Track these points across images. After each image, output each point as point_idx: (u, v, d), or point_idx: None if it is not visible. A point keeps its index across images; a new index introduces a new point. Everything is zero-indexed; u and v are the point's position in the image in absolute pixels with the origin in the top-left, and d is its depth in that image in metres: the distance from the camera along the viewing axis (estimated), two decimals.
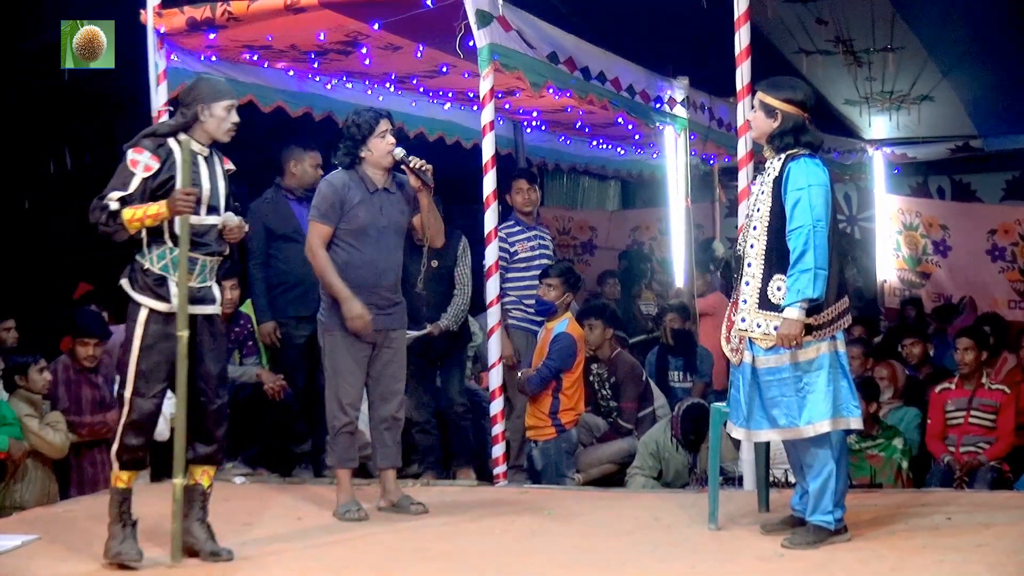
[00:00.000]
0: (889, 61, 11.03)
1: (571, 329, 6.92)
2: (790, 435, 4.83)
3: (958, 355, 7.27)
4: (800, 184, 4.74)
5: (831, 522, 4.81)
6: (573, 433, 6.97)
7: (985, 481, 6.81)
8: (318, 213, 5.55)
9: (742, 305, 4.88)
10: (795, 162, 4.80)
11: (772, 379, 4.80)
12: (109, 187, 4.66)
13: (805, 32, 10.59)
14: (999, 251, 12.25)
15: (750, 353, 4.85)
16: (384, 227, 5.56)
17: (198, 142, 4.79)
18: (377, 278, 5.56)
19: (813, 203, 4.71)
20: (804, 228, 4.69)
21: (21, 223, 9.75)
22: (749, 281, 4.86)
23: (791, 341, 4.70)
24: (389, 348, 5.64)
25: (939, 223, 12.76)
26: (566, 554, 4.91)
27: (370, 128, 5.52)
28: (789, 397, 4.77)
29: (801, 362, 4.76)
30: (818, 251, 4.67)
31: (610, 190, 15.64)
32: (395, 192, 5.66)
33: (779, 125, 4.87)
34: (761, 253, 4.83)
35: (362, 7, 6.61)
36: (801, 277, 4.67)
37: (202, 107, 4.77)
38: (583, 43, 7.45)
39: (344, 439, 5.60)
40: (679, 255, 9.90)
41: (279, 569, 4.79)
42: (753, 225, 4.89)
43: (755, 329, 4.81)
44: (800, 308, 4.68)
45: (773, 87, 4.96)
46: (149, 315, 4.70)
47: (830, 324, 4.79)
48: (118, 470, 4.71)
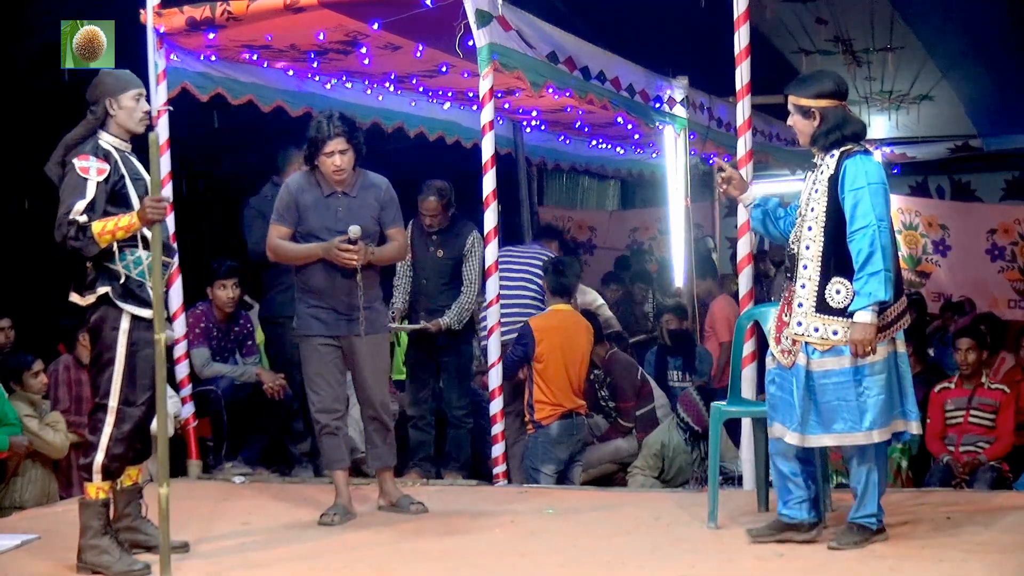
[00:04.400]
0: (888, 61, 11.05)
1: (537, 319, 7.03)
2: (848, 440, 4.68)
3: (959, 355, 7.26)
4: (859, 183, 4.61)
5: (874, 522, 4.74)
6: (553, 428, 6.93)
7: (985, 481, 6.81)
8: (276, 215, 5.59)
9: (797, 309, 4.73)
10: (851, 159, 4.66)
11: (828, 383, 4.65)
12: (68, 201, 4.55)
13: (805, 32, 10.61)
14: (998, 250, 12.25)
15: (804, 356, 4.70)
16: (341, 231, 5.40)
17: (117, 137, 4.74)
18: (331, 282, 5.47)
19: (875, 202, 4.57)
20: (869, 228, 4.55)
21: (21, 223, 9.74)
22: (805, 284, 4.71)
23: (866, 347, 4.56)
24: (357, 354, 5.55)
25: (939, 223, 12.76)
26: (566, 554, 4.90)
27: (316, 146, 5.45)
28: (849, 402, 4.62)
29: (861, 366, 4.62)
30: (885, 252, 4.54)
31: (610, 190, 15.65)
32: (356, 195, 5.54)
33: (820, 124, 4.75)
34: (818, 255, 4.68)
35: (362, 7, 6.61)
36: (871, 280, 4.54)
37: (110, 100, 4.72)
38: (583, 43, 7.45)
39: (327, 441, 5.59)
40: (679, 255, 9.91)
41: (279, 569, 4.79)
42: (808, 226, 4.73)
43: (812, 333, 4.66)
44: (872, 312, 4.55)
45: (801, 86, 4.84)
46: (132, 322, 4.66)
47: (891, 325, 4.67)
48: (100, 481, 4.66)
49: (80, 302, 4.70)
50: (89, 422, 4.76)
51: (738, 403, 5.59)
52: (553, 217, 13.50)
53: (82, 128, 4.73)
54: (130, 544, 4.81)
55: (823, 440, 4.75)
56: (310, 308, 5.55)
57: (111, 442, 4.65)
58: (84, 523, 4.68)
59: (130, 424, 4.67)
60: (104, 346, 4.67)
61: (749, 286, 6.13)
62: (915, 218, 12.99)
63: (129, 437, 4.69)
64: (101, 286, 4.64)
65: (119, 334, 4.64)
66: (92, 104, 4.74)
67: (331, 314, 5.50)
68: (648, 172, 13.41)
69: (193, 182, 9.53)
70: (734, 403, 5.55)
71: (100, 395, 4.68)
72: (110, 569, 4.63)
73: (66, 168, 4.63)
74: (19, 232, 9.48)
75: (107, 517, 4.71)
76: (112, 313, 4.65)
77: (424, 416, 7.05)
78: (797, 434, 4.75)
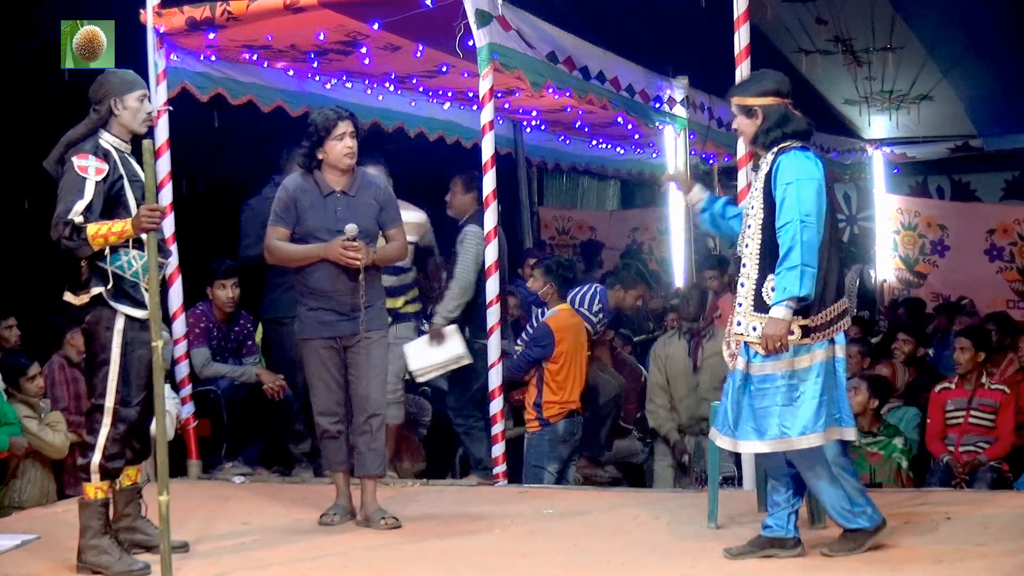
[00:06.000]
0: (889, 61, 11.04)
1: (553, 319, 6.94)
2: (781, 447, 4.54)
3: (956, 354, 7.28)
4: (788, 178, 4.52)
5: (866, 523, 4.62)
6: (560, 427, 6.93)
7: (985, 481, 6.81)
8: (274, 216, 5.48)
9: (738, 308, 4.67)
10: (785, 155, 4.58)
11: (766, 387, 4.54)
12: (65, 201, 4.54)
13: (805, 32, 10.60)
14: (997, 251, 12.26)
15: (743, 358, 4.61)
16: (342, 231, 5.32)
17: (117, 137, 4.74)
18: (332, 283, 5.37)
19: (802, 197, 4.48)
20: (791, 224, 4.46)
21: (21, 223, 9.74)
22: (744, 282, 4.65)
23: (775, 342, 4.45)
24: (355, 353, 5.46)
25: (938, 223, 12.77)
26: (566, 554, 4.91)
27: (327, 130, 5.37)
28: (781, 406, 4.51)
29: (797, 369, 4.51)
30: (805, 247, 4.43)
31: (610, 190, 15.65)
32: (355, 195, 5.47)
33: (762, 122, 4.69)
34: (756, 252, 4.61)
35: (362, 7, 6.62)
36: (787, 275, 4.44)
37: (115, 100, 4.71)
38: (582, 42, 7.46)
39: (327, 444, 5.54)
40: (679, 255, 9.92)
41: (279, 569, 4.79)
42: (748, 223, 4.70)
43: (750, 332, 4.57)
44: (787, 307, 4.44)
45: (742, 87, 4.86)
46: (126, 322, 4.66)
47: (828, 326, 4.54)
48: (98, 481, 4.66)
49: (74, 301, 4.70)
50: (86, 423, 4.76)
51: None
52: (553, 217, 13.52)
53: (84, 126, 4.71)
54: (130, 544, 4.81)
55: (757, 447, 4.63)
56: (311, 310, 5.47)
57: (108, 442, 4.65)
58: (84, 523, 4.68)
59: (126, 424, 4.67)
60: (99, 346, 4.67)
61: None
62: (914, 218, 13.01)
63: (126, 437, 4.70)
64: (95, 286, 4.63)
65: (113, 334, 4.64)
66: (96, 103, 4.73)
67: (332, 315, 5.42)
68: (648, 172, 13.41)
69: (193, 182, 9.54)
70: None
71: (96, 395, 4.68)
72: (110, 569, 4.63)
73: (65, 166, 4.62)
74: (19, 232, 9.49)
75: (106, 517, 4.71)
76: (106, 313, 4.64)
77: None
78: (728, 439, 4.67)
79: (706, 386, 6.77)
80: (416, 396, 8.26)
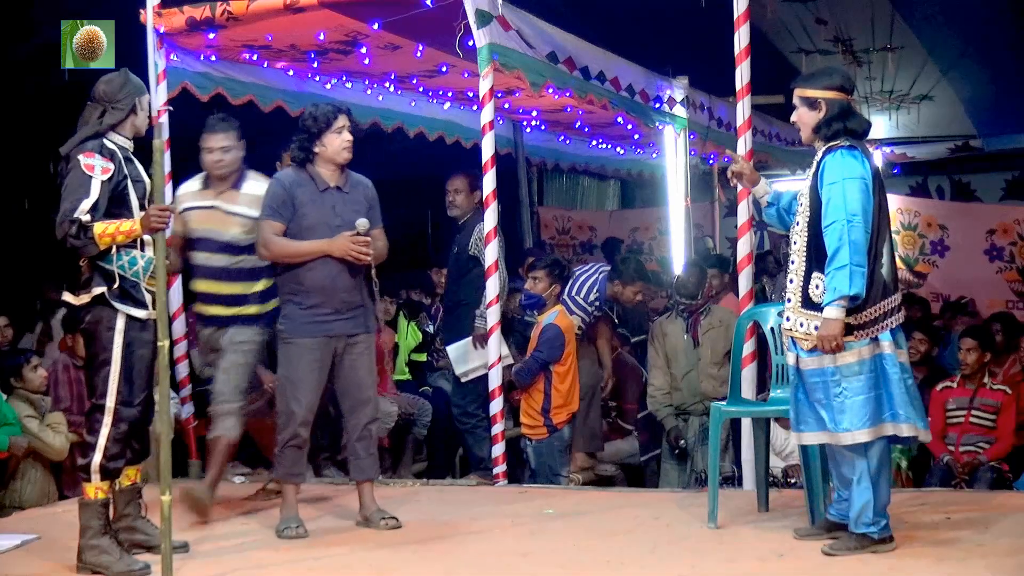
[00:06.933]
0: (888, 61, 11.05)
1: (559, 320, 6.88)
2: (830, 440, 4.64)
3: (961, 355, 7.27)
4: (834, 178, 4.58)
5: (875, 532, 4.65)
6: (566, 431, 6.91)
7: (985, 481, 6.80)
8: (269, 210, 5.31)
9: (787, 304, 4.76)
10: (831, 155, 4.63)
11: (815, 381, 4.63)
12: (71, 199, 4.53)
13: (805, 32, 10.62)
14: (997, 251, 12.23)
15: (793, 353, 4.74)
16: (338, 226, 5.24)
17: (124, 137, 4.75)
18: (332, 280, 5.26)
19: (848, 197, 4.53)
20: (838, 224, 4.52)
21: (21, 223, 9.75)
22: (793, 279, 4.74)
23: (830, 343, 4.52)
24: (352, 354, 5.34)
25: (938, 223, 12.74)
26: (566, 554, 4.91)
27: (327, 123, 5.31)
28: (827, 401, 4.60)
29: (840, 365, 4.57)
30: (853, 246, 4.49)
31: (610, 190, 15.65)
32: (349, 191, 5.40)
33: (824, 114, 4.72)
34: (803, 250, 4.68)
35: (362, 7, 6.62)
36: (837, 275, 4.50)
37: (139, 100, 4.77)
38: (582, 43, 7.46)
39: (291, 453, 5.30)
40: (679, 255, 9.90)
41: (279, 569, 4.79)
42: (797, 220, 4.76)
43: (798, 328, 4.68)
44: (838, 306, 4.50)
45: (808, 79, 4.87)
46: (127, 322, 4.65)
47: (872, 324, 4.58)
48: (99, 481, 4.65)
49: (73, 301, 4.70)
50: (86, 423, 4.76)
51: (738, 403, 5.58)
52: (553, 217, 13.51)
53: (108, 122, 4.70)
54: (130, 544, 4.81)
55: (816, 437, 4.73)
56: (306, 308, 5.29)
57: (109, 442, 4.64)
58: (84, 523, 4.68)
59: (127, 424, 4.67)
60: (100, 347, 4.66)
61: (749, 286, 6.13)
62: (914, 218, 12.98)
63: (127, 437, 4.69)
64: (96, 286, 4.63)
65: (115, 334, 4.63)
66: (115, 102, 4.71)
67: (330, 314, 5.29)
68: (648, 172, 13.41)
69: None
70: (734, 403, 5.54)
71: (97, 395, 4.68)
72: (110, 569, 4.63)
73: (70, 163, 4.61)
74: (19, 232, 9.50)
75: (107, 517, 4.71)
76: (107, 313, 4.64)
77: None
78: (795, 432, 4.81)
79: (707, 360, 6.72)
80: (416, 396, 8.28)
